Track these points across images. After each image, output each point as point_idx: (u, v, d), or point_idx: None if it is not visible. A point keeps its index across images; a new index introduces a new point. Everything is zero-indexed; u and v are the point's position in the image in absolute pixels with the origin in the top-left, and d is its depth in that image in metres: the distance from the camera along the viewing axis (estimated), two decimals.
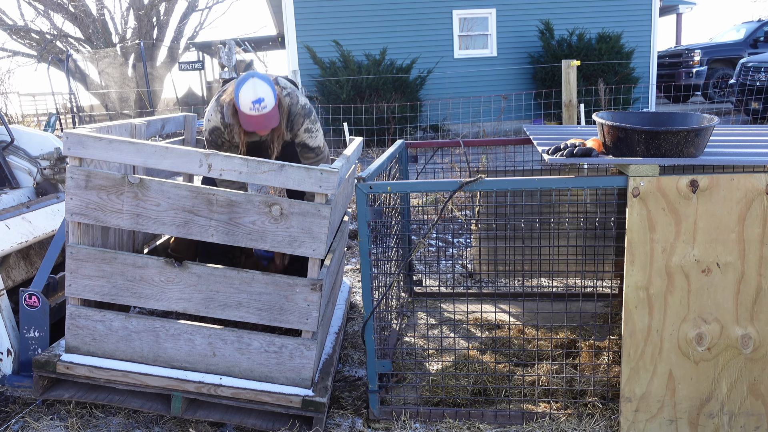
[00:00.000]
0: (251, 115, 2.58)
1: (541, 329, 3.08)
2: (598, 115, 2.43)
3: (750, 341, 2.26)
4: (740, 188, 2.16)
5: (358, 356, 3.09)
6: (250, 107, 2.56)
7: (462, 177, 5.76)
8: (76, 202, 2.33)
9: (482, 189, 2.35)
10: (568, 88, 6.04)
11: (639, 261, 2.24)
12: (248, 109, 2.56)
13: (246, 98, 2.56)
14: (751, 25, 13.79)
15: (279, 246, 2.29)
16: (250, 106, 2.56)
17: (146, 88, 12.68)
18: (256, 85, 2.56)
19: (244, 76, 2.62)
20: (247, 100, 2.56)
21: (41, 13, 17.03)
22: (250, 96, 2.55)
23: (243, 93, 2.56)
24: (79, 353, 2.46)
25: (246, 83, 2.57)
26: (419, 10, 12.03)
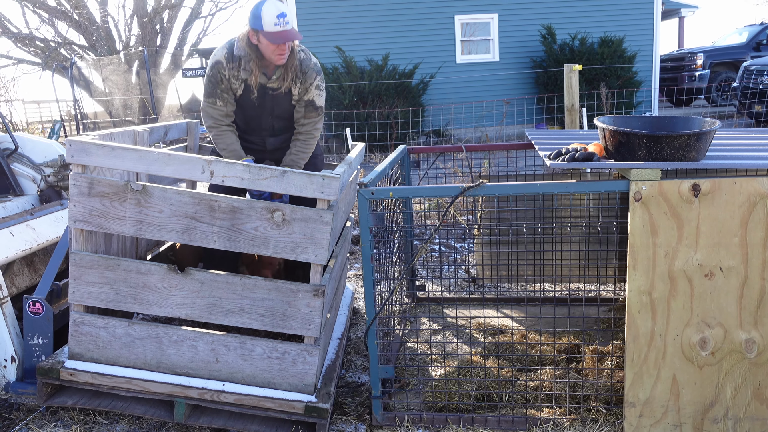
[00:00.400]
0: (277, 30, 2.67)
1: (545, 334, 3.07)
2: (600, 119, 2.43)
3: (754, 345, 2.25)
4: (742, 192, 2.15)
5: (361, 362, 3.08)
6: (275, 22, 2.65)
7: (464, 182, 5.76)
8: (79, 209, 2.34)
9: (484, 194, 2.35)
10: (571, 92, 6.04)
11: (641, 265, 2.24)
12: (274, 24, 2.65)
13: (271, 14, 2.64)
14: (753, 29, 13.78)
15: (281, 252, 2.29)
16: (275, 21, 2.65)
17: (150, 95, 12.74)
18: (275, 2, 2.68)
19: (257, 2, 2.72)
20: (272, 16, 2.64)
21: (46, 21, 17.17)
22: (274, 11, 2.65)
23: (267, 10, 2.65)
24: (83, 360, 2.46)
25: (266, 3, 2.67)
26: (421, 15, 12.07)
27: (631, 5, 12.58)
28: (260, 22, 2.66)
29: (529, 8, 12.37)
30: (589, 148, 2.39)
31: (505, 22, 12.42)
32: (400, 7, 12.00)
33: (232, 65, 2.82)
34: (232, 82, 2.85)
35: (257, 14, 2.66)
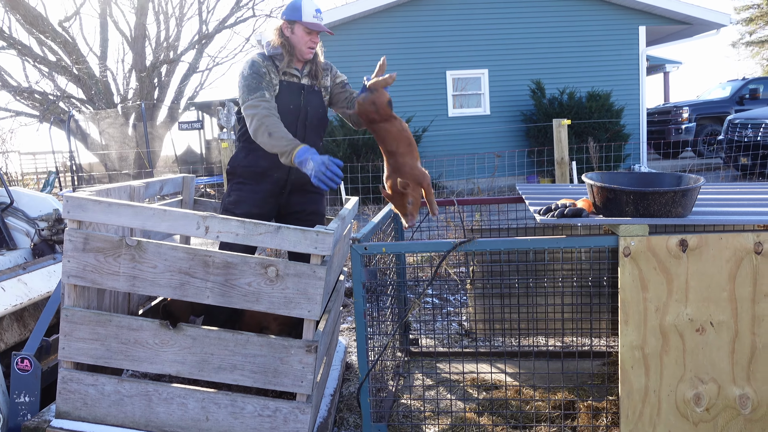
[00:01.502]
0: (314, 21, 2.87)
1: (539, 389, 3.05)
2: (588, 175, 2.48)
3: (748, 401, 2.24)
4: (729, 247, 2.19)
5: (353, 419, 3.03)
6: (313, 14, 2.87)
7: (456, 235, 5.80)
8: (73, 265, 2.34)
9: (476, 249, 2.38)
10: (560, 146, 6.17)
11: (633, 320, 2.25)
12: (312, 17, 2.86)
13: (310, 7, 2.86)
14: (736, 83, 14.21)
15: (274, 307, 2.30)
16: (313, 14, 2.87)
17: (146, 148, 12.88)
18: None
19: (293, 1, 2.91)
20: (311, 8, 2.86)
21: (45, 75, 17.49)
22: (312, 5, 2.88)
23: (306, 3, 2.86)
24: (70, 419, 2.42)
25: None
26: (414, 70, 12.39)
27: (618, 61, 12.99)
28: (299, 14, 2.85)
29: (518, 63, 12.74)
30: (578, 204, 2.44)
31: (496, 77, 12.77)
32: (394, 61, 12.31)
33: (267, 62, 2.91)
34: (272, 77, 2.91)
35: (297, 6, 2.86)
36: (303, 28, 2.86)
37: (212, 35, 18.54)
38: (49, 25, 15.98)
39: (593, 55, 12.90)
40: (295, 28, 2.88)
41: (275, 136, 2.68)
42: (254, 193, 2.96)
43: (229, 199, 3.01)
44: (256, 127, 2.72)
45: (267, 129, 2.69)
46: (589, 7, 12.80)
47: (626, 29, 12.92)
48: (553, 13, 12.76)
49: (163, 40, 18.18)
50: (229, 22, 18.69)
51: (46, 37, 16.05)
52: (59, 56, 16.63)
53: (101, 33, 17.58)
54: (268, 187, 2.97)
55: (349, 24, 12.11)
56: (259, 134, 2.72)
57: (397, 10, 12.30)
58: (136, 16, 17.08)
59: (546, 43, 12.80)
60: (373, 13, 12.14)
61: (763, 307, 2.20)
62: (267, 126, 2.70)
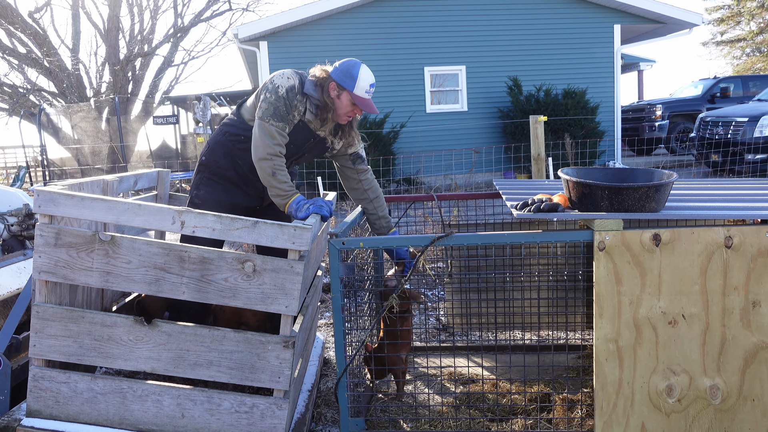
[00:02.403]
0: (366, 97, 2.63)
1: (515, 383, 3.08)
2: (563, 171, 2.51)
3: (718, 392, 2.29)
4: (700, 241, 2.24)
5: (331, 414, 3.03)
6: (367, 89, 2.62)
7: (435, 229, 5.82)
8: (44, 260, 2.30)
9: (454, 244, 2.39)
10: (537, 142, 6.23)
11: (607, 313, 2.28)
12: (365, 91, 2.62)
13: (366, 80, 2.61)
14: (708, 82, 14.49)
15: (251, 303, 2.28)
16: (367, 89, 2.62)
17: (120, 142, 12.67)
18: (369, 70, 2.65)
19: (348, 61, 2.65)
20: (367, 82, 2.61)
21: (15, 67, 17.09)
22: (369, 79, 2.61)
23: (364, 75, 2.60)
24: (41, 417, 2.37)
25: (362, 66, 2.62)
26: (392, 66, 12.39)
27: (593, 59, 13.14)
28: (353, 84, 2.60)
29: (495, 60, 12.82)
30: (554, 199, 2.46)
31: (473, 73, 12.83)
32: (372, 57, 12.31)
33: (301, 97, 2.68)
34: (295, 114, 2.70)
35: (354, 75, 2.59)
36: (351, 99, 2.64)
37: (188, 28, 18.30)
38: (19, 16, 15.61)
39: (569, 53, 13.03)
40: (342, 95, 2.64)
41: (278, 177, 2.63)
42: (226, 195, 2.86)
43: (198, 194, 2.89)
44: (262, 157, 2.62)
45: (273, 167, 2.62)
46: (566, 6, 12.93)
47: (602, 27, 13.08)
48: (530, 11, 12.86)
49: (138, 32, 17.90)
50: (205, 16, 18.48)
51: (16, 28, 15.68)
52: (29, 48, 16.27)
53: (73, 25, 17.24)
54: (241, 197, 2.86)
55: (327, 19, 12.05)
56: (262, 165, 2.63)
57: (375, 5, 12.27)
58: (109, 8, 16.78)
59: (523, 41, 12.89)
60: (352, 8, 12.10)
61: (733, 300, 2.25)
62: (274, 164, 2.62)
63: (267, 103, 2.63)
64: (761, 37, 25.61)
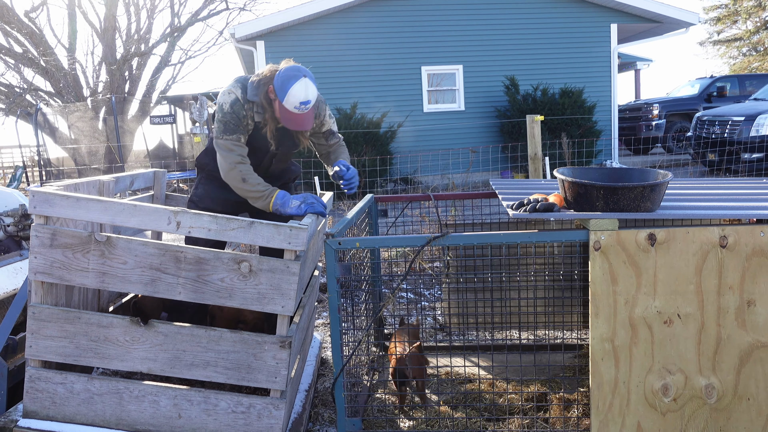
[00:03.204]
0: (294, 113, 2.56)
1: (512, 382, 3.08)
2: (559, 171, 2.52)
3: (714, 391, 2.30)
4: (695, 241, 2.24)
5: (328, 414, 3.03)
6: (296, 106, 2.54)
7: (432, 229, 5.82)
8: (40, 261, 2.29)
9: (450, 244, 2.39)
10: (533, 142, 6.23)
11: (603, 313, 2.29)
12: (293, 107, 2.55)
13: (296, 97, 2.52)
14: (704, 81, 14.51)
15: (248, 303, 2.28)
16: (296, 105, 2.54)
17: (117, 142, 12.65)
18: (308, 85, 2.53)
19: (292, 70, 2.56)
20: (295, 100, 2.52)
21: (11, 67, 17.04)
22: (300, 96, 2.52)
23: (294, 91, 2.51)
24: (38, 418, 2.37)
25: (299, 81, 2.52)
26: (389, 66, 12.39)
27: (590, 58, 13.16)
28: (283, 96, 2.56)
29: (493, 60, 12.82)
30: (550, 199, 2.47)
31: (470, 73, 12.83)
32: (369, 57, 12.31)
33: (248, 105, 2.70)
34: (250, 122, 2.74)
35: (285, 88, 2.54)
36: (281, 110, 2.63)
37: (184, 28, 18.26)
38: (15, 15, 15.56)
39: (566, 52, 13.04)
40: (275, 102, 2.64)
41: (249, 182, 2.66)
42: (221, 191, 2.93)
43: (196, 192, 3.04)
44: (228, 169, 2.68)
45: (241, 174, 2.66)
46: (563, 5, 12.94)
47: (598, 27, 13.09)
48: (527, 10, 12.87)
49: (134, 32, 17.86)
50: (202, 15, 18.44)
51: (12, 28, 15.63)
52: (26, 48, 16.22)
53: (70, 24, 17.18)
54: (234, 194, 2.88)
55: (324, 18, 12.04)
56: (231, 177, 2.69)
57: (372, 4, 12.26)
58: (106, 7, 16.74)
59: (520, 40, 12.90)
60: (349, 7, 12.09)
61: (728, 299, 2.26)
62: (241, 171, 2.66)
63: (217, 122, 2.72)
64: (758, 37, 25.67)
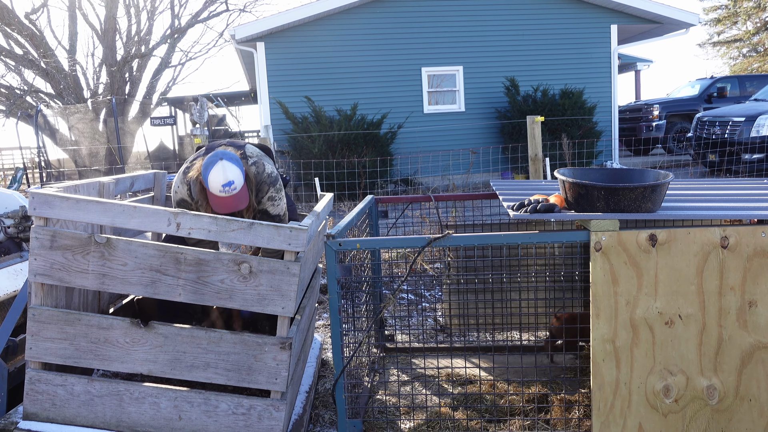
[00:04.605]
0: (221, 197, 2.55)
1: (513, 383, 3.08)
2: (560, 171, 2.51)
3: (715, 392, 2.29)
4: (696, 242, 2.24)
5: (329, 416, 3.03)
6: (219, 190, 2.53)
7: (432, 230, 5.82)
8: (40, 263, 2.29)
9: (451, 245, 2.38)
10: (534, 142, 6.23)
11: (604, 314, 2.28)
12: (218, 191, 2.53)
13: (216, 182, 2.52)
14: (704, 82, 14.51)
15: (248, 305, 2.27)
16: (219, 189, 2.52)
17: (117, 143, 12.65)
18: (225, 167, 2.53)
19: (211, 157, 2.58)
20: (217, 184, 2.52)
21: (12, 69, 17.04)
22: (219, 179, 2.51)
23: (213, 176, 2.52)
24: (38, 420, 2.36)
25: (215, 166, 2.53)
26: (389, 67, 12.39)
27: (590, 59, 13.15)
28: (207, 184, 2.56)
29: (493, 61, 12.82)
30: (551, 200, 2.47)
31: (470, 74, 12.83)
32: (369, 58, 12.31)
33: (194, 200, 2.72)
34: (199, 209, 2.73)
35: (205, 177, 2.55)
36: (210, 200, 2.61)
37: (185, 29, 18.27)
38: (15, 17, 15.57)
39: (566, 53, 13.04)
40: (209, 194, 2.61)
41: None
42: None
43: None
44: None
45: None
46: (563, 6, 12.94)
47: (598, 28, 13.09)
48: (527, 11, 12.86)
49: (135, 33, 17.86)
50: (202, 17, 18.45)
51: (12, 29, 15.64)
52: (26, 49, 16.23)
53: (70, 26, 17.19)
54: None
55: (324, 19, 12.04)
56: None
57: (372, 6, 12.27)
58: (106, 8, 16.75)
59: (520, 41, 12.90)
60: (350, 8, 12.09)
61: (729, 300, 2.25)
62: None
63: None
64: (758, 37, 25.67)
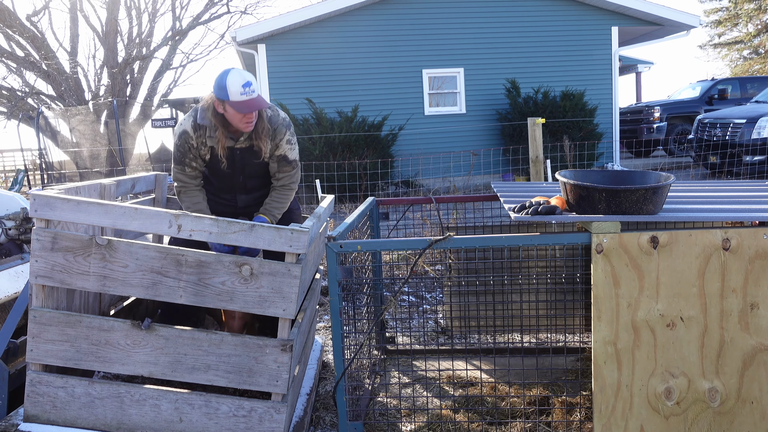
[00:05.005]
0: (243, 99, 2.65)
1: (514, 386, 3.07)
2: (561, 173, 2.51)
3: (717, 394, 2.29)
4: (698, 244, 2.23)
5: (330, 418, 3.02)
6: (241, 92, 2.63)
7: (433, 232, 5.81)
8: (41, 265, 2.29)
9: (452, 247, 2.38)
10: (535, 144, 6.23)
11: (605, 316, 2.28)
12: (239, 94, 2.63)
13: (235, 83, 2.63)
14: (705, 84, 14.50)
15: (249, 306, 2.27)
16: (240, 91, 2.63)
17: (118, 145, 12.66)
18: (241, 71, 2.68)
19: (220, 73, 2.71)
20: (237, 86, 2.63)
21: (13, 70, 17.07)
22: (239, 81, 2.64)
23: (231, 79, 2.64)
24: (39, 422, 2.36)
25: (231, 72, 2.67)
26: (390, 69, 12.40)
27: (591, 61, 13.16)
28: (226, 93, 2.65)
29: (493, 63, 12.82)
30: (552, 202, 2.46)
31: (471, 76, 12.83)
32: (370, 60, 12.32)
33: (198, 133, 2.84)
34: (201, 149, 2.88)
35: (222, 85, 2.65)
36: (233, 108, 2.68)
37: (186, 31, 18.30)
38: (17, 19, 15.60)
39: (567, 55, 13.04)
40: (226, 107, 2.70)
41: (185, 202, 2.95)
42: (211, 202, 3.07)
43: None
44: (179, 197, 2.98)
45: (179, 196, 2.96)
46: (564, 8, 12.94)
47: (599, 30, 13.09)
48: (527, 13, 12.87)
49: (136, 36, 17.90)
50: (203, 19, 18.48)
51: (14, 31, 15.66)
52: (27, 51, 16.26)
53: (71, 28, 17.24)
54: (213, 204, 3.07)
55: (325, 21, 12.06)
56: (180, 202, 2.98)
57: (373, 8, 12.28)
58: (108, 11, 16.78)
59: (521, 43, 12.90)
60: (350, 10, 12.10)
61: (731, 302, 2.25)
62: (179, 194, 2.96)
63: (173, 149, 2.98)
64: (759, 39, 25.67)
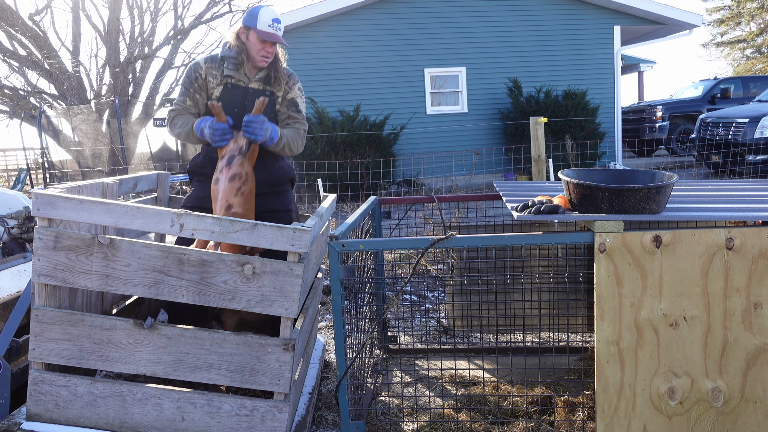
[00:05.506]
0: (269, 31, 2.79)
1: (516, 385, 3.07)
2: (564, 172, 2.50)
3: (720, 394, 2.28)
4: (701, 243, 2.23)
5: (332, 417, 3.02)
6: (269, 24, 2.80)
7: (436, 231, 5.81)
8: (43, 264, 2.29)
9: (454, 246, 2.38)
10: (537, 144, 6.22)
11: (608, 316, 2.27)
12: (267, 25, 2.80)
13: (267, 16, 2.79)
14: (708, 83, 14.47)
15: (251, 306, 2.27)
16: (269, 23, 2.80)
17: (120, 144, 12.67)
18: (273, 10, 2.83)
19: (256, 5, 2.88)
20: (268, 18, 2.79)
21: (15, 69, 17.10)
22: (270, 15, 2.80)
23: (264, 12, 2.80)
24: (41, 421, 2.36)
25: (264, 7, 2.83)
26: (392, 68, 12.39)
27: (593, 60, 13.14)
28: (255, 20, 2.80)
29: (495, 62, 12.81)
30: (554, 201, 2.46)
31: (473, 75, 12.82)
32: (372, 59, 12.32)
33: (211, 64, 2.92)
34: (209, 81, 2.92)
35: (254, 14, 2.80)
36: (257, 36, 2.83)
37: (188, 31, 18.30)
38: (19, 18, 15.61)
39: (569, 54, 13.03)
40: (250, 35, 2.85)
41: (177, 124, 2.87)
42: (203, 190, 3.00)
43: (186, 195, 3.14)
44: (168, 124, 2.93)
45: (172, 121, 2.90)
46: (566, 7, 12.93)
47: (602, 29, 13.07)
48: (529, 12, 12.86)
49: (138, 35, 17.91)
50: (205, 18, 18.48)
51: (16, 30, 15.68)
52: (30, 50, 16.27)
53: (73, 27, 17.23)
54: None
55: (327, 20, 12.05)
56: (170, 129, 2.92)
57: (375, 7, 12.27)
58: (110, 10, 16.78)
59: (523, 42, 12.89)
60: (352, 9, 12.10)
61: (734, 301, 2.24)
62: (172, 119, 2.91)
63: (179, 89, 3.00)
64: (761, 38, 25.60)
